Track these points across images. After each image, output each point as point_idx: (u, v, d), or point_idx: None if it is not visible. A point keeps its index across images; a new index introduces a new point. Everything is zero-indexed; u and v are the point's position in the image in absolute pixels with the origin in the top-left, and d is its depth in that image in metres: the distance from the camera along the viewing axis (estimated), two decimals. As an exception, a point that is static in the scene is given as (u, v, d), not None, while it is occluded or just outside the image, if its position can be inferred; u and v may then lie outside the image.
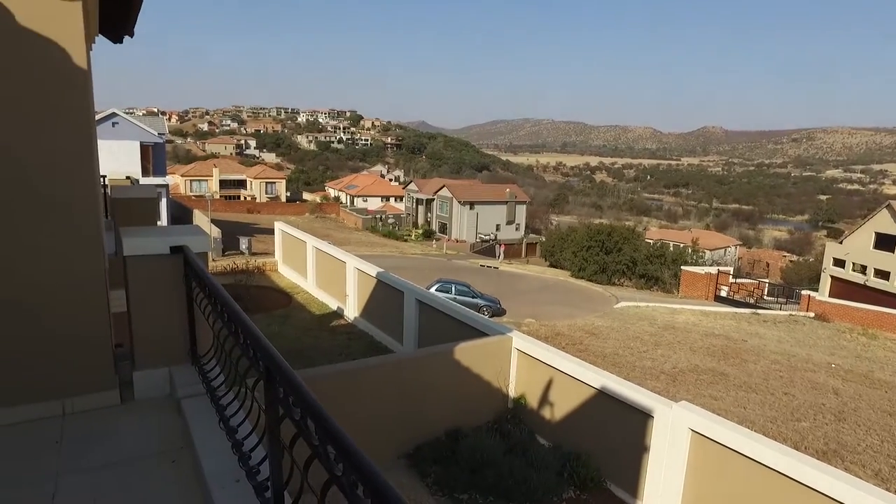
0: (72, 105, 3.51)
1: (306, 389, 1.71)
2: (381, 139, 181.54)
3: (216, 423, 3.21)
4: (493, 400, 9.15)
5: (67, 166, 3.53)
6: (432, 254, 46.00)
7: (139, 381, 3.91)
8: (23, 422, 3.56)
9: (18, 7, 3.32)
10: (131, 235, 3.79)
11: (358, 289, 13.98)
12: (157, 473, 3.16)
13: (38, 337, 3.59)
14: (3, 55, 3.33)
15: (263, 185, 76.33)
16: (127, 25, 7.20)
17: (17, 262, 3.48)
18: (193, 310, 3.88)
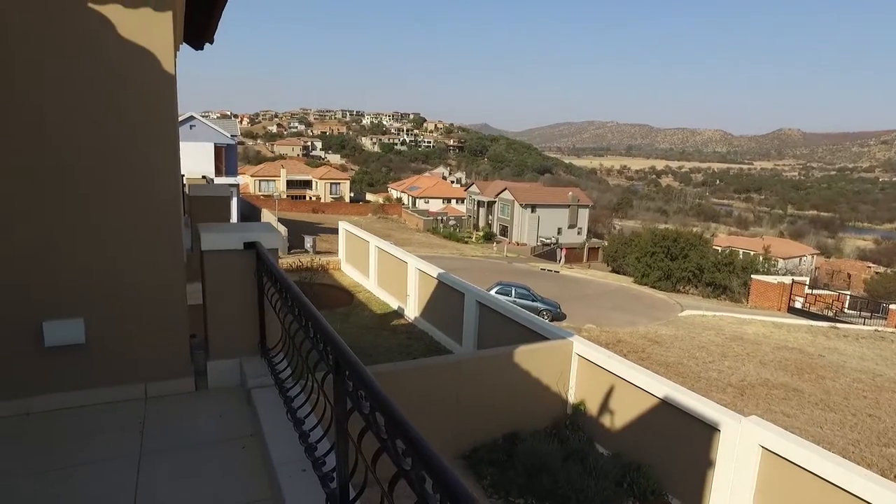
0: (161, 109, 3.75)
1: (376, 384, 1.76)
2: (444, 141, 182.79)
3: (284, 413, 3.33)
4: (551, 405, 9.05)
5: (157, 166, 3.78)
6: (492, 256, 45.93)
7: (212, 371, 4.11)
8: (112, 402, 3.82)
9: (118, 18, 3.57)
10: (209, 231, 3.99)
11: (419, 289, 14.14)
12: (228, 458, 3.32)
13: (127, 324, 3.85)
14: (106, 63, 3.59)
15: (328, 185, 78.36)
16: (207, 33, 7.58)
17: (111, 254, 3.75)
18: (264, 304, 4.05)
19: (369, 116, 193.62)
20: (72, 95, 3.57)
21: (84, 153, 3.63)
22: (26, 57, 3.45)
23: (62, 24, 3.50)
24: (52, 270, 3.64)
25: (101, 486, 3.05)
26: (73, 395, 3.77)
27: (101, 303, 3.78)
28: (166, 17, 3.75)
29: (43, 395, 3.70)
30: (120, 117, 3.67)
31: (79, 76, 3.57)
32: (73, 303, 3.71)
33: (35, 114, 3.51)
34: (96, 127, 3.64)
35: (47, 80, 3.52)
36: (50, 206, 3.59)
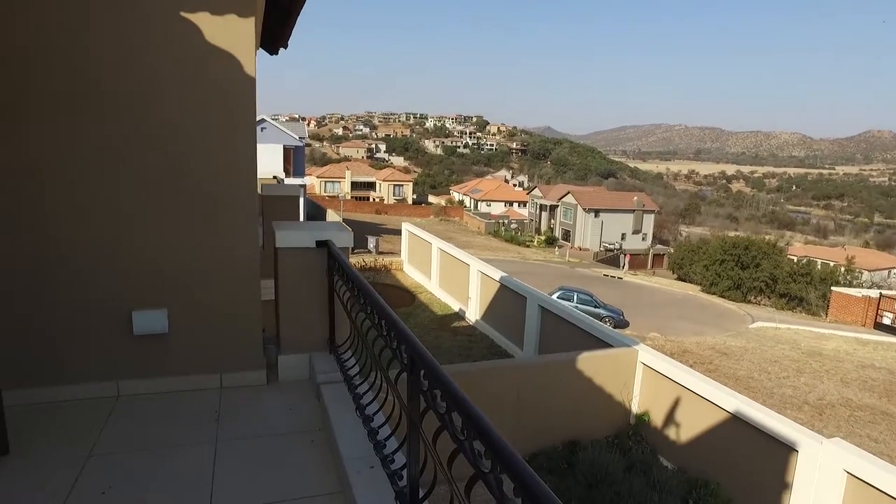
0: (243, 111, 3.90)
1: (454, 384, 1.76)
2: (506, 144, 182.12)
3: (352, 409, 3.39)
4: (613, 414, 8.84)
5: (238, 166, 3.94)
6: (554, 261, 45.33)
7: (283, 365, 4.24)
8: (190, 390, 4.01)
9: (206, 24, 3.75)
10: (283, 229, 4.12)
11: (480, 291, 14.12)
12: (297, 450, 3.41)
13: (206, 317, 4.03)
14: (194, 67, 3.78)
15: (391, 187, 79.57)
16: (282, 39, 7.84)
17: (193, 251, 3.94)
18: (334, 301, 4.14)
19: (432, 119, 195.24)
20: (163, 99, 3.78)
21: (172, 155, 3.83)
22: (122, 62, 3.68)
23: (157, 31, 3.70)
24: (141, 265, 3.87)
25: (182, 467, 3.20)
26: (157, 381, 3.98)
27: (183, 296, 3.97)
28: (249, 22, 3.90)
29: (131, 379, 3.93)
30: (206, 119, 3.86)
31: (170, 80, 3.77)
32: (158, 295, 3.92)
33: (131, 117, 3.73)
34: (184, 129, 3.83)
35: (141, 85, 3.73)
36: (142, 205, 3.81)
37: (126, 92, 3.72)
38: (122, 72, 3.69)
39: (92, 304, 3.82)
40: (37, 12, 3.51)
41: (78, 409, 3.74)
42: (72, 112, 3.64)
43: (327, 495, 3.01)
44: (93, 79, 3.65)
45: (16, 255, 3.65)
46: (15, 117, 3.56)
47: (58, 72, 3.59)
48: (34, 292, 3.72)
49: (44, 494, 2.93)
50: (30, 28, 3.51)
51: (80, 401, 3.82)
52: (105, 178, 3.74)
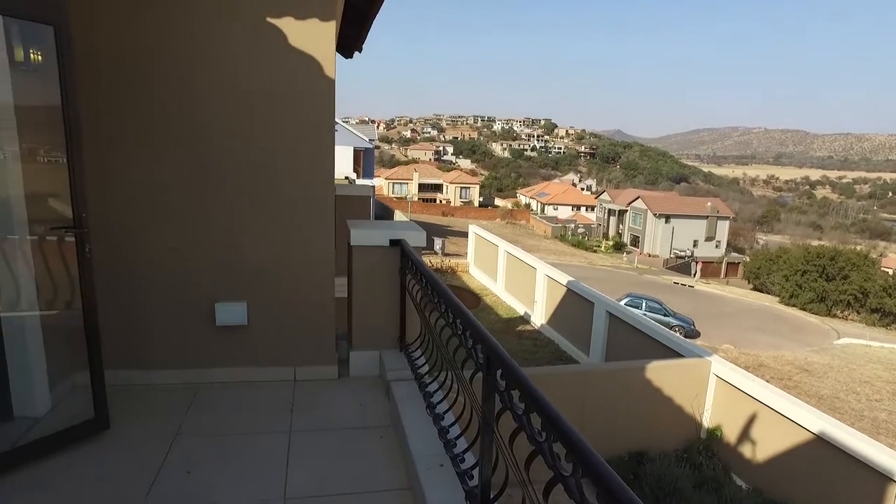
0: (323, 113, 4.02)
1: (533, 385, 1.74)
2: (575, 148, 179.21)
3: (422, 407, 3.42)
4: (683, 426, 8.51)
5: (317, 167, 4.06)
6: (622, 267, 44.21)
7: (354, 361, 4.33)
8: (266, 381, 4.17)
9: (290, 29, 3.89)
10: (357, 227, 4.21)
11: (547, 296, 13.95)
12: (367, 445, 3.47)
13: (282, 311, 4.17)
14: (278, 70, 3.93)
15: (458, 189, 79.95)
16: (357, 43, 8.03)
17: (273, 247, 4.09)
18: (405, 300, 4.19)
19: (500, 122, 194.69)
20: (250, 103, 3.94)
21: (256, 157, 3.98)
22: (218, 73, 3.87)
23: (246, 39, 3.87)
24: (224, 259, 4.06)
25: (259, 453, 3.32)
26: (236, 371, 4.16)
27: (262, 290, 4.13)
28: (330, 26, 4.01)
29: (212, 367, 4.13)
30: (287, 121, 3.99)
31: (256, 85, 3.93)
32: (239, 288, 4.09)
33: (217, 120, 3.92)
34: (268, 132, 3.98)
35: (232, 92, 3.91)
36: (228, 205, 4.00)
37: (218, 99, 3.91)
38: (218, 81, 3.89)
39: (181, 297, 4.04)
40: (160, 52, 3.80)
41: (166, 393, 3.96)
42: (180, 131, 3.90)
43: (396, 490, 3.04)
44: (197, 92, 3.88)
45: (127, 255, 3.92)
46: (146, 144, 3.87)
47: (169, 89, 3.86)
48: (136, 285, 3.98)
49: (138, 468, 3.13)
50: (153, 68, 3.81)
51: (167, 385, 4.05)
52: (196, 183, 3.95)
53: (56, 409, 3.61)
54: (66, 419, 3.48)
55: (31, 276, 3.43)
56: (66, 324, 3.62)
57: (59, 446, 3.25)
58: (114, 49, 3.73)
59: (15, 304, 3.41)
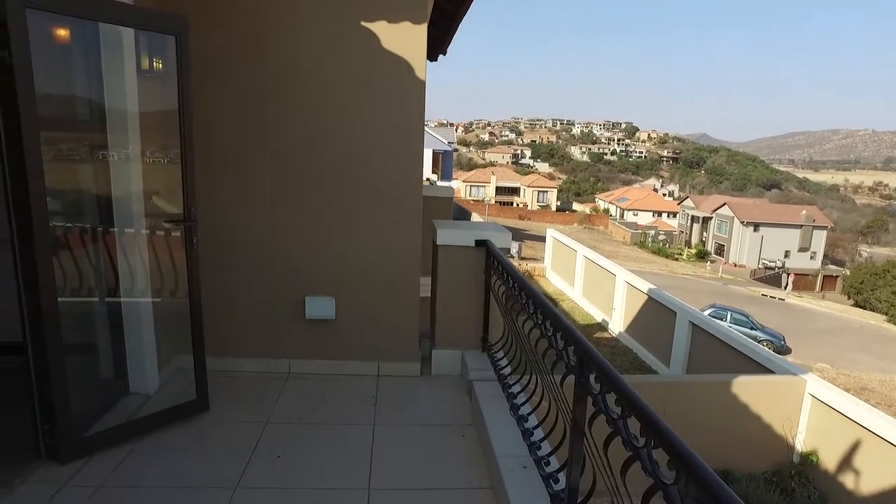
0: (413, 115, 4.11)
1: (631, 389, 1.70)
2: (657, 152, 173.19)
3: (505, 408, 3.42)
4: (772, 447, 8.01)
5: (407, 168, 4.17)
6: (705, 276, 42.26)
7: (436, 359, 4.39)
8: (350, 374, 4.30)
9: (383, 32, 4.00)
10: (444, 227, 4.27)
11: (626, 303, 13.57)
12: (449, 442, 3.50)
13: (369, 307, 4.30)
14: (371, 73, 4.05)
15: (535, 193, 79.24)
16: (443, 46, 8.13)
17: (362, 245, 4.23)
18: (489, 300, 4.20)
19: (579, 125, 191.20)
20: (342, 102, 4.09)
21: (349, 156, 4.13)
22: (315, 78, 4.05)
23: (341, 43, 4.02)
24: (316, 255, 4.23)
25: (344, 443, 3.44)
26: (322, 363, 4.32)
27: (350, 286, 4.27)
28: (421, 29, 4.09)
29: (301, 358, 4.31)
30: (379, 122, 4.11)
31: (349, 85, 4.08)
32: (328, 283, 4.25)
33: (313, 122, 4.09)
34: (361, 132, 4.12)
35: (329, 95, 4.07)
36: (319, 202, 4.17)
37: (315, 101, 4.08)
38: (315, 85, 4.06)
39: (275, 290, 4.24)
40: (262, 58, 4.02)
41: (258, 381, 4.18)
42: (279, 133, 4.10)
43: (478, 489, 3.06)
44: (295, 95, 4.07)
45: (227, 249, 4.16)
46: (246, 145, 4.11)
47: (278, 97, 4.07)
48: (234, 278, 4.23)
49: (234, 448, 3.31)
50: (256, 73, 4.04)
51: (259, 373, 4.27)
52: (295, 182, 4.14)
53: (163, 389, 3.89)
54: (172, 398, 3.74)
55: (146, 265, 3.71)
56: (172, 310, 3.88)
57: (166, 422, 3.49)
58: (218, 55, 3.97)
59: (132, 291, 3.71)
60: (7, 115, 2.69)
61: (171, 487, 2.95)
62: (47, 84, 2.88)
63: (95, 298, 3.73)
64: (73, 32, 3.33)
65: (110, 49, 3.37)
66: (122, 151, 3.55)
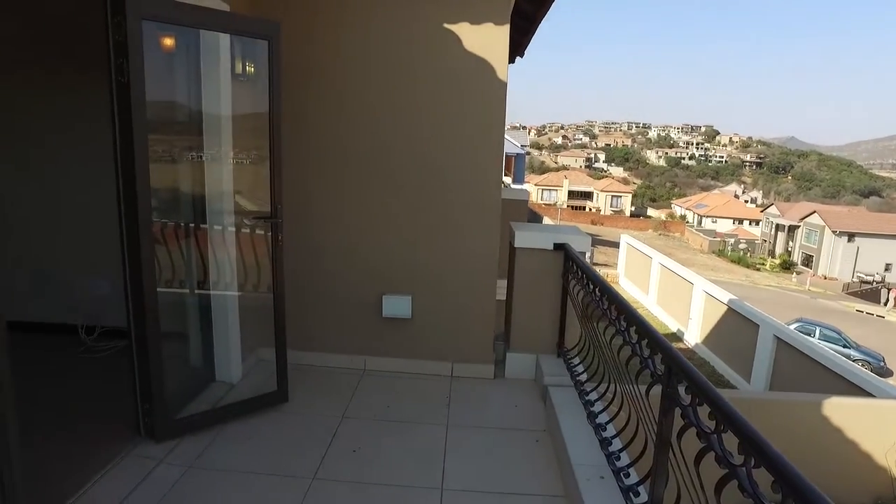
0: (494, 116, 4.10)
1: (728, 402, 1.62)
2: (739, 156, 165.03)
3: (581, 415, 3.34)
4: (871, 479, 7.40)
5: (487, 170, 4.16)
6: (790, 288, 39.89)
7: (510, 362, 4.35)
8: (424, 374, 4.35)
9: (465, 34, 4.01)
10: (522, 230, 4.23)
11: (703, 313, 13.02)
12: (522, 447, 3.46)
13: (445, 307, 4.33)
14: (454, 75, 4.07)
15: (609, 198, 77.44)
16: (521, 47, 8.08)
17: (440, 246, 4.26)
18: (566, 305, 4.13)
19: (656, 129, 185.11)
20: (424, 103, 4.14)
21: (430, 156, 4.17)
22: (391, 71, 4.11)
23: (423, 42, 4.07)
24: (394, 254, 4.31)
25: (418, 442, 3.47)
26: (397, 361, 4.38)
27: (427, 285, 4.31)
28: (504, 30, 4.07)
29: (376, 356, 4.39)
30: (460, 125, 4.12)
31: (431, 86, 4.11)
32: (405, 282, 4.31)
33: (395, 122, 4.16)
34: (442, 133, 4.15)
35: (405, 91, 4.14)
36: (398, 201, 4.23)
37: (397, 102, 4.15)
38: (397, 86, 4.13)
39: (354, 287, 4.35)
40: (344, 60, 4.12)
41: (334, 375, 4.29)
42: (361, 133, 4.20)
43: (552, 497, 3.00)
44: (378, 96, 4.16)
45: (308, 245, 4.28)
46: (330, 145, 4.23)
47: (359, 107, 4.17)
48: (315, 274, 4.36)
49: (312, 440, 3.42)
50: (339, 75, 4.15)
51: (335, 368, 4.38)
52: (375, 181, 4.23)
53: (246, 379, 4.06)
54: (254, 388, 3.91)
55: (233, 260, 3.89)
56: (256, 304, 4.05)
57: (248, 411, 3.65)
58: (304, 60, 4.10)
59: (221, 285, 3.89)
60: (122, 117, 2.89)
61: (254, 473, 3.08)
62: (153, 89, 3.06)
63: (187, 290, 3.94)
64: (176, 40, 3.54)
65: (209, 55, 3.56)
66: (215, 152, 3.74)
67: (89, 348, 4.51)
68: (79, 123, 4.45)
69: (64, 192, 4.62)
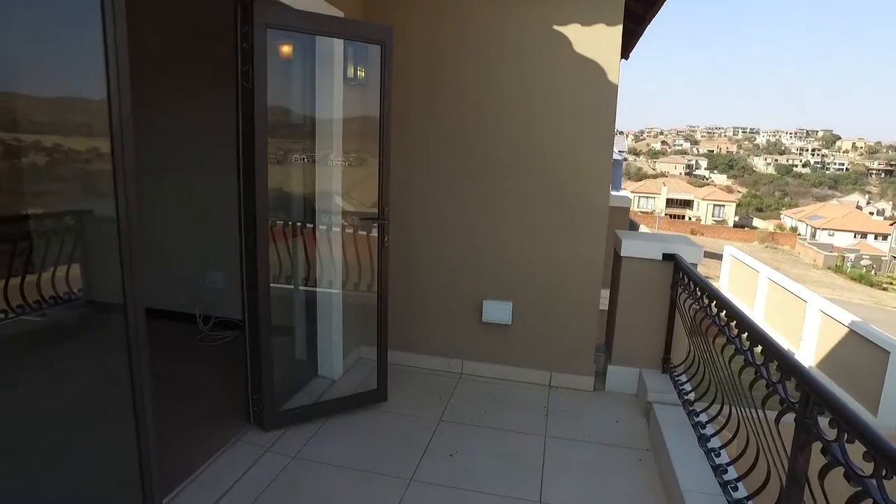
0: (605, 119, 3.97)
1: (887, 441, 1.44)
2: (862, 163, 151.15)
3: (689, 436, 3.15)
4: None
5: (596, 174, 4.03)
6: (922, 312, 35.90)
7: (611, 375, 4.19)
8: (521, 382, 4.28)
9: (574, 34, 3.91)
10: (629, 238, 4.06)
11: (819, 334, 11.97)
12: (625, 466, 3.30)
13: (546, 315, 4.23)
14: (564, 78, 3.98)
15: (710, 207, 73.41)
16: (627, 49, 7.79)
17: (543, 252, 4.17)
18: (674, 318, 3.91)
19: (766, 134, 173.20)
20: (532, 104, 4.07)
21: (537, 161, 4.09)
22: (499, 74, 4.08)
23: (533, 44, 4.00)
24: (496, 259, 4.26)
25: (515, 451, 3.40)
26: (495, 367, 4.34)
27: (528, 292, 4.23)
28: (616, 30, 3.93)
29: (474, 360, 4.37)
30: (573, 128, 4.01)
31: (540, 90, 4.04)
32: (506, 288, 4.25)
33: (501, 127, 4.12)
34: (549, 136, 4.07)
35: (513, 93, 4.09)
36: (502, 206, 4.19)
37: (505, 105, 4.11)
38: (505, 88, 4.09)
39: (454, 290, 4.36)
40: (450, 63, 4.15)
41: (432, 378, 4.31)
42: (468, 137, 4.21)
43: (658, 522, 2.84)
44: (485, 99, 4.15)
45: (411, 248, 4.35)
46: (435, 150, 4.27)
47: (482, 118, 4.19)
48: (416, 276, 4.41)
49: (410, 442, 3.44)
50: (443, 76, 4.18)
51: (433, 371, 4.41)
52: (479, 186, 4.22)
53: (346, 376, 4.17)
54: (353, 386, 4.00)
55: (339, 259, 4.01)
56: (358, 303, 4.15)
57: (348, 407, 3.74)
58: (415, 63, 4.15)
59: (326, 283, 4.02)
60: (245, 121, 3.05)
61: (353, 469, 3.13)
62: (272, 94, 3.19)
63: (294, 286, 4.11)
64: (293, 47, 3.71)
65: (324, 60, 3.70)
66: (325, 155, 3.87)
67: (205, 336, 4.82)
68: (205, 127, 4.77)
69: (189, 191, 4.96)
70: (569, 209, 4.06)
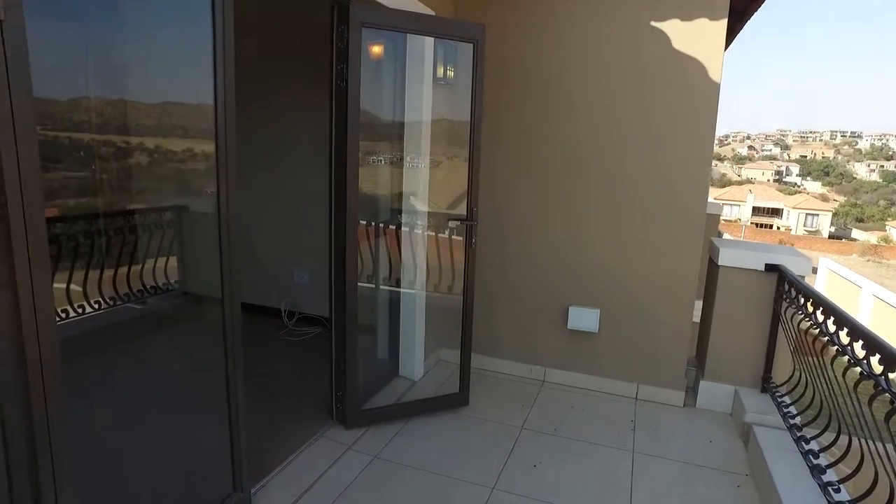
0: (705, 120, 3.74)
1: None
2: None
3: (796, 465, 2.89)
4: None
5: (694, 177, 3.79)
6: None
7: (703, 392, 3.94)
8: (607, 393, 4.11)
9: (673, 31, 3.72)
10: (727, 247, 3.81)
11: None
12: (720, 491, 3.07)
13: (635, 325, 4.05)
14: (662, 77, 3.79)
15: (802, 216, 68.95)
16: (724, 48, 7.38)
17: (634, 259, 3.99)
18: (776, 333, 3.63)
19: (869, 137, 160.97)
20: (627, 109, 3.90)
21: (628, 165, 3.92)
22: (594, 76, 3.94)
23: (629, 45, 3.84)
24: (583, 265, 4.12)
25: (602, 466, 3.24)
26: (579, 376, 4.19)
27: (616, 300, 4.06)
28: (721, 25, 3.70)
29: (557, 368, 4.24)
30: (672, 131, 3.80)
31: (636, 89, 3.87)
32: (593, 295, 4.10)
33: (593, 127, 3.97)
34: (643, 141, 3.88)
35: (606, 95, 3.93)
36: (592, 211, 4.05)
37: (599, 106, 3.97)
38: (598, 90, 3.95)
39: (539, 296, 4.25)
40: (548, 64, 4.04)
41: (514, 384, 4.22)
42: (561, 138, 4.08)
43: (761, 554, 2.62)
44: (581, 100, 4.02)
45: (497, 251, 4.27)
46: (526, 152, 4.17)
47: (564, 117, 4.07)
48: (502, 279, 4.33)
49: (491, 448, 3.36)
50: (540, 79, 4.06)
51: (515, 377, 4.32)
52: (568, 190, 4.09)
53: (426, 378, 4.15)
54: (434, 388, 3.98)
55: (424, 261, 3.99)
56: (441, 305, 4.12)
57: (429, 409, 3.70)
58: (500, 60, 4.07)
59: (410, 284, 4.02)
60: (338, 120, 3.08)
61: (434, 473, 3.09)
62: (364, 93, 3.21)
63: (379, 286, 4.13)
64: (384, 47, 3.72)
65: (414, 59, 3.69)
66: (413, 155, 3.86)
67: (290, 332, 4.94)
68: (293, 126, 4.89)
69: (276, 189, 5.11)
70: (666, 216, 3.85)
